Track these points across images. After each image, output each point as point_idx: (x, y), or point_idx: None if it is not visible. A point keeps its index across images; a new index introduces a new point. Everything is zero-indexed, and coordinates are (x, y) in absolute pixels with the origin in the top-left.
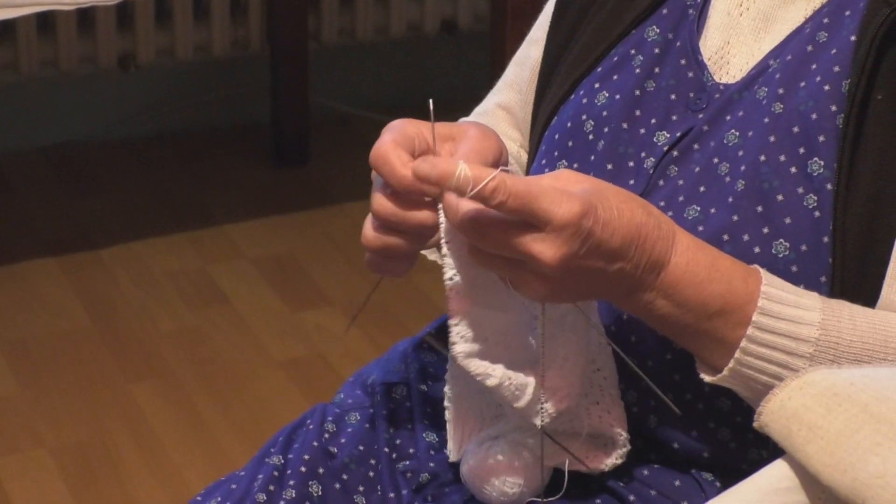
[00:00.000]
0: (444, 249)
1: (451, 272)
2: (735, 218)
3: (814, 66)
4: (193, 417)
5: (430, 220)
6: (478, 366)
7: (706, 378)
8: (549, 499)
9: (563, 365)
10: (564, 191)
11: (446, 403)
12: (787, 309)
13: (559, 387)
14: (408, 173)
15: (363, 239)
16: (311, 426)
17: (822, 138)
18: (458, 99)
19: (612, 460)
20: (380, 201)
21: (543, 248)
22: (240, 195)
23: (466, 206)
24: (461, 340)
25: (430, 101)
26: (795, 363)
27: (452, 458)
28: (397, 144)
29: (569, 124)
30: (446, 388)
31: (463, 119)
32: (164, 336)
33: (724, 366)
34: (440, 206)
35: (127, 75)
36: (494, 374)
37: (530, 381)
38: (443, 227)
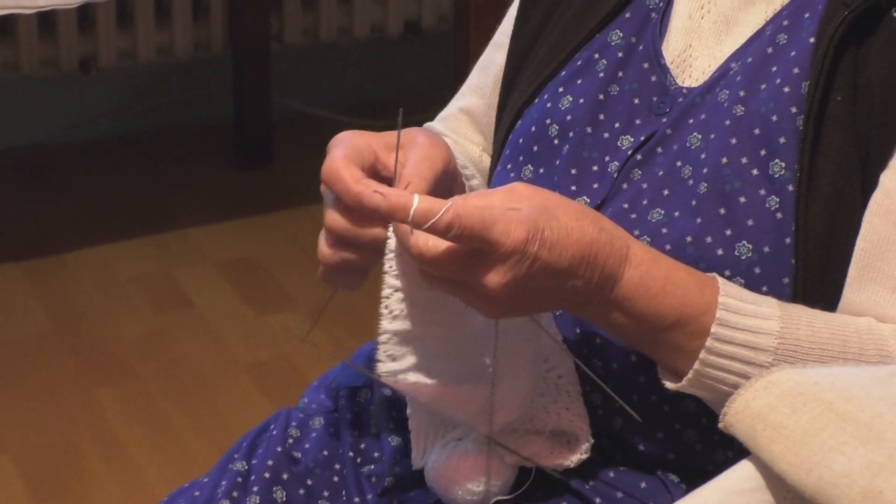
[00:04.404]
0: (386, 267)
1: (388, 290)
2: (698, 220)
3: (774, 69)
4: (158, 422)
5: (383, 236)
6: (407, 385)
7: (668, 385)
8: (512, 496)
9: (516, 377)
10: (513, 215)
11: (409, 411)
12: (745, 319)
13: (508, 399)
14: (360, 190)
15: (319, 254)
16: (274, 431)
17: (782, 140)
18: (421, 100)
19: (578, 456)
20: (333, 217)
21: (490, 275)
22: (203, 197)
23: (416, 235)
24: (387, 359)
25: (401, 110)
26: (755, 372)
27: (416, 465)
28: (348, 160)
29: (533, 128)
30: (408, 396)
31: (427, 124)
32: (129, 340)
33: (686, 372)
34: (391, 225)
35: (89, 78)
36: (425, 391)
37: (474, 398)
38: (389, 242)
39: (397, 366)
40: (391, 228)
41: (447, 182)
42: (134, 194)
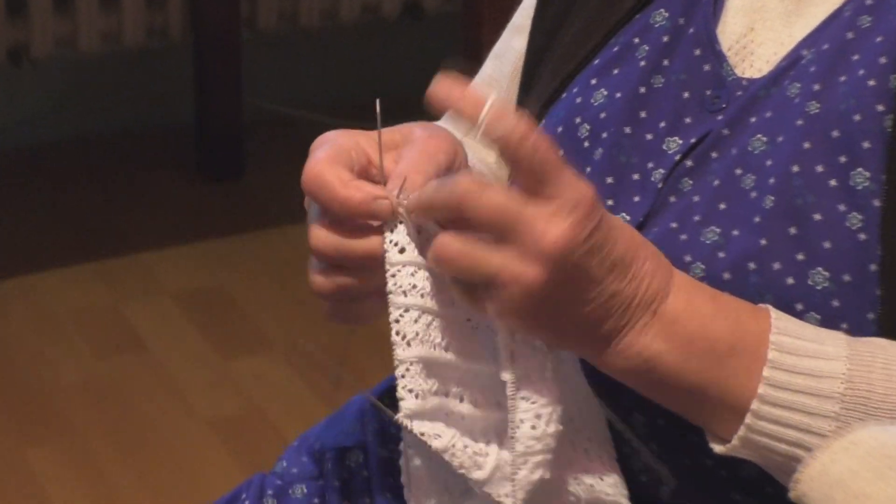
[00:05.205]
0: (390, 285)
1: (396, 312)
2: (763, 242)
3: (856, 57)
4: (102, 489)
5: (379, 250)
6: (424, 425)
7: (716, 448)
8: None
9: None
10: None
11: (403, 478)
12: (804, 361)
13: (534, 451)
14: (351, 194)
15: (312, 286)
16: (246, 502)
17: (866, 144)
18: (422, 98)
19: None
20: (318, 235)
21: (549, 223)
22: (159, 216)
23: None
24: (409, 396)
25: (377, 100)
26: (818, 425)
27: None
28: (333, 161)
29: (559, 129)
30: (402, 460)
31: (434, 124)
32: (67, 389)
33: (734, 431)
34: (385, 233)
35: (20, 71)
36: (444, 434)
37: (493, 448)
38: (388, 255)
39: (422, 404)
40: (387, 239)
41: None
42: (74, 211)
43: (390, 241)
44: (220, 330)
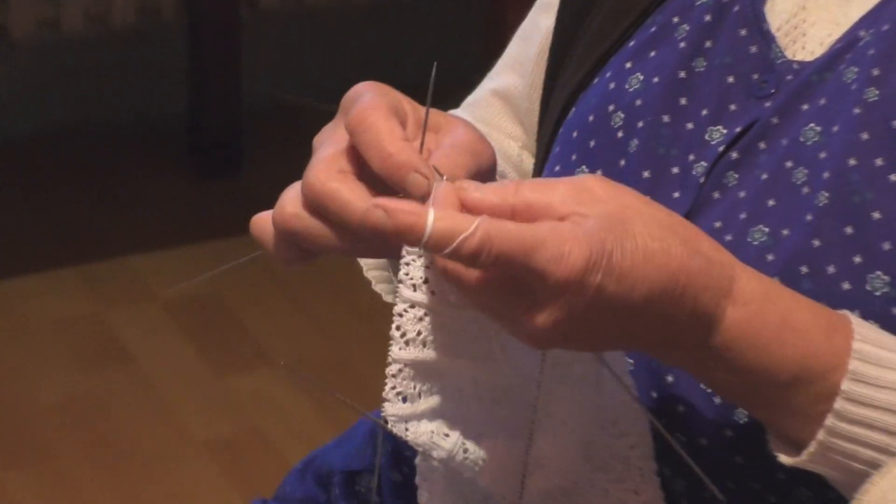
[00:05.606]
0: (402, 273)
1: (402, 306)
2: (816, 243)
3: None
4: None
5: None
6: (419, 432)
7: (783, 459)
8: None
9: (560, 430)
10: (568, 232)
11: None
12: (887, 373)
13: (549, 457)
14: (398, 151)
15: (277, 212)
16: None
17: None
18: (442, 81)
19: None
20: (327, 174)
21: (535, 314)
22: (147, 215)
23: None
24: (396, 399)
25: (434, 64)
26: None
27: None
28: (390, 111)
29: (591, 118)
30: (417, 477)
31: (449, 112)
32: (46, 407)
33: (805, 441)
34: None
35: None
36: (443, 443)
37: (508, 456)
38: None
39: (409, 409)
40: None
41: None
42: (53, 210)
43: None
44: (215, 342)
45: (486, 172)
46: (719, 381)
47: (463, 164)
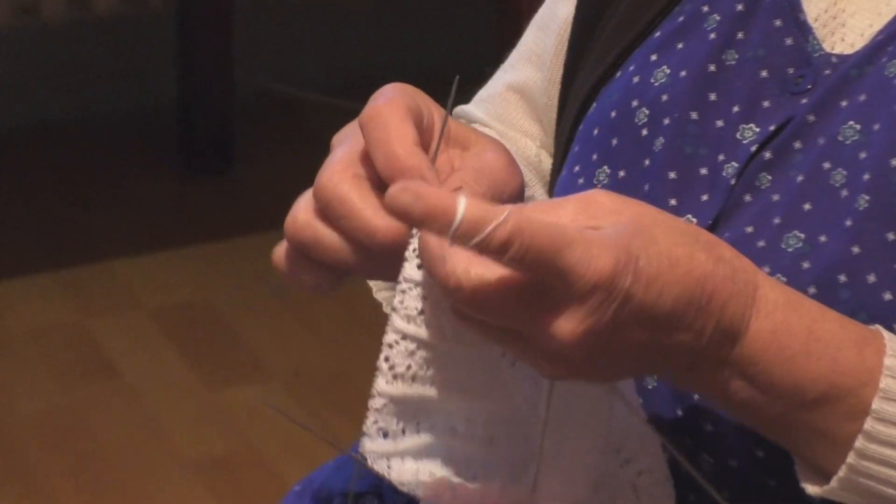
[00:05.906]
0: (396, 301)
1: (392, 336)
2: (856, 250)
3: None
4: None
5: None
6: (402, 470)
7: (810, 489)
8: None
9: (572, 472)
10: (596, 237)
11: None
12: None
13: (556, 495)
14: (406, 155)
15: (288, 222)
16: None
17: None
18: (451, 74)
19: None
20: (342, 176)
21: (560, 321)
22: (133, 216)
23: (452, 260)
24: (377, 435)
25: (457, 78)
26: None
27: None
28: (408, 113)
29: (613, 114)
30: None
31: (460, 107)
32: (25, 422)
33: (834, 468)
34: (412, 239)
35: None
36: (434, 488)
37: (504, 492)
38: (406, 267)
39: (389, 446)
40: (412, 246)
41: None
42: (34, 211)
43: (413, 251)
44: (205, 353)
45: (508, 202)
46: (742, 403)
47: (481, 194)
